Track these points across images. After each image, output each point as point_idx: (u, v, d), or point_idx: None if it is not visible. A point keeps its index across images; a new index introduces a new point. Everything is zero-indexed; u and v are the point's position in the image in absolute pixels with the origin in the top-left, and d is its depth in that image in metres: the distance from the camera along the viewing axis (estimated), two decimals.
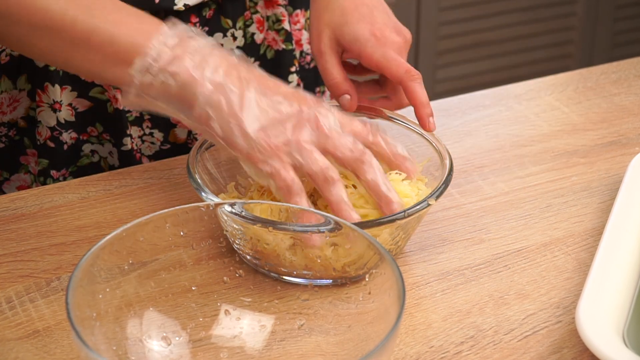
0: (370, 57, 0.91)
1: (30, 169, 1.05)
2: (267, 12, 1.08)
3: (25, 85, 1.02)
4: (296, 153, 0.79)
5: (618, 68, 1.20)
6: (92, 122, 1.04)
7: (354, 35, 0.92)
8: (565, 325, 0.79)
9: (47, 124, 1.02)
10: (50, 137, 1.02)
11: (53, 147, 1.03)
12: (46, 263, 0.85)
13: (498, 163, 1.01)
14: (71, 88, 1.01)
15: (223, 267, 0.78)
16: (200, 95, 0.80)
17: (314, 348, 0.74)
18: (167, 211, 0.74)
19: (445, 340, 0.78)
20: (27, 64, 1.00)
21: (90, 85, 1.01)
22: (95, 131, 1.04)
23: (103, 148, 1.05)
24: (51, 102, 1.01)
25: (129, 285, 0.73)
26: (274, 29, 1.08)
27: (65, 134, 1.03)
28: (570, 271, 0.85)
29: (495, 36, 2.49)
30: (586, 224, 0.91)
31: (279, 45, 1.08)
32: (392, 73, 0.90)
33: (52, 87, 1.00)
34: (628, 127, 1.07)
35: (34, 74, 1.01)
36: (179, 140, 1.06)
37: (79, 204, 0.93)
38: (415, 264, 0.86)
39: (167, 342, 0.73)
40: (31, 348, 0.76)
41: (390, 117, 0.93)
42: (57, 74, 1.00)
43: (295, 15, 1.11)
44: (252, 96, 0.80)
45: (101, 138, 1.04)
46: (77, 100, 1.02)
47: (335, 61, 0.93)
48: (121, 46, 0.81)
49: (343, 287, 0.76)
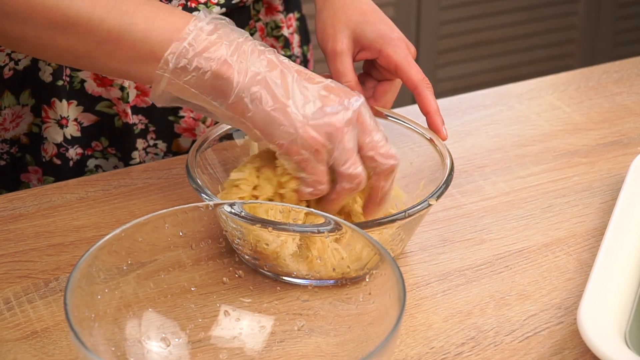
0: (390, 57, 0.91)
1: (31, 186, 1.04)
2: (267, 18, 1.08)
3: (29, 100, 1.00)
4: (337, 151, 0.78)
5: (620, 67, 1.19)
6: (97, 137, 1.03)
7: (378, 33, 0.91)
8: (566, 326, 0.79)
9: (54, 140, 1.01)
10: (57, 154, 1.01)
11: (59, 164, 1.02)
12: (44, 264, 0.85)
13: (499, 163, 1.00)
14: (77, 103, 1.00)
15: (222, 267, 0.77)
16: (237, 85, 0.77)
17: (314, 349, 0.74)
18: (166, 211, 0.74)
19: (446, 341, 0.77)
20: (31, 79, 0.99)
21: (97, 99, 1.00)
22: (100, 145, 1.03)
23: (107, 162, 1.04)
24: (58, 118, 1.00)
25: (127, 285, 0.73)
26: (272, 35, 1.08)
27: (71, 150, 1.02)
28: (572, 272, 0.85)
29: (496, 35, 2.49)
30: (588, 224, 0.91)
31: (279, 52, 1.08)
32: (410, 77, 0.90)
33: (59, 102, 0.99)
34: (630, 126, 1.07)
35: (39, 89, 0.99)
36: (182, 150, 1.06)
37: (78, 204, 0.92)
38: (416, 264, 0.86)
39: (166, 343, 0.73)
40: (29, 349, 0.76)
41: (390, 117, 0.92)
42: (64, 89, 0.99)
43: (289, 19, 1.11)
44: (295, 88, 0.78)
45: (106, 152, 1.04)
46: (83, 114, 1.01)
47: (349, 63, 0.92)
48: (156, 42, 0.78)
49: (343, 287, 0.76)
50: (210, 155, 0.87)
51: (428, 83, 0.91)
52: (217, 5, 1.00)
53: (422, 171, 0.88)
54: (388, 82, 0.94)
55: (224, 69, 0.77)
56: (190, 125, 1.04)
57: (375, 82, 0.95)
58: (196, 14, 0.79)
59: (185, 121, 1.04)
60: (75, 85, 0.99)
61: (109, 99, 1.00)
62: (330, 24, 0.93)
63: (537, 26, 2.52)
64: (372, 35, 0.91)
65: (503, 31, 2.50)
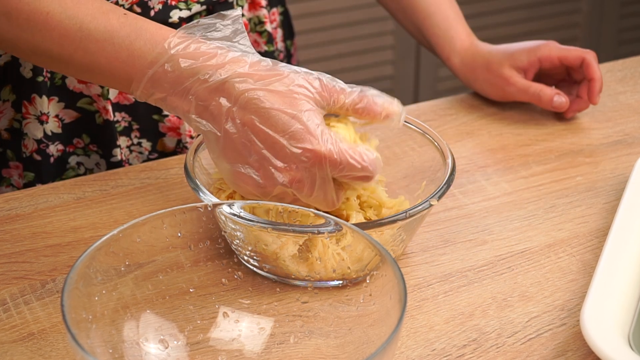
0: (550, 55, 1.06)
1: (12, 182, 1.04)
2: (250, 14, 1.08)
3: (10, 95, 1.01)
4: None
5: (624, 66, 1.19)
6: (78, 134, 1.03)
7: (525, 51, 1.07)
8: (569, 328, 0.78)
9: (34, 136, 1.01)
10: (37, 149, 1.01)
11: (39, 160, 1.02)
12: (41, 264, 0.84)
13: (501, 163, 1.00)
14: (58, 99, 1.00)
15: (221, 268, 0.77)
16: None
17: (313, 351, 0.73)
18: (164, 212, 0.73)
19: (448, 343, 0.77)
20: (12, 75, 0.99)
21: (78, 95, 1.01)
22: (81, 142, 1.03)
23: (89, 160, 1.04)
24: (38, 114, 1.00)
25: (125, 287, 0.73)
26: (255, 31, 1.09)
27: (52, 146, 1.02)
28: (575, 273, 0.84)
29: (499, 33, 2.48)
30: (591, 224, 0.91)
31: (262, 47, 1.10)
32: (576, 55, 1.06)
33: (39, 98, 0.99)
34: (634, 126, 1.07)
35: (19, 85, 1.00)
36: (167, 149, 1.06)
37: (75, 204, 0.92)
38: (417, 265, 0.85)
39: (165, 345, 0.73)
40: (26, 351, 0.76)
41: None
42: (45, 85, 0.99)
43: (272, 14, 1.12)
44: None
45: (87, 149, 1.04)
46: (64, 111, 1.01)
47: (522, 77, 1.07)
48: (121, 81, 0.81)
49: (343, 289, 0.75)
50: (208, 155, 0.86)
51: (592, 52, 1.06)
52: (197, 3, 1.00)
53: (424, 171, 0.88)
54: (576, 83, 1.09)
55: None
56: (174, 125, 1.04)
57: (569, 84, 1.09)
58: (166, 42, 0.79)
59: (170, 120, 1.04)
60: (57, 81, 1.00)
61: (90, 95, 1.00)
62: (486, 79, 1.09)
63: (540, 24, 2.51)
64: (523, 57, 1.07)
65: (506, 29, 2.49)
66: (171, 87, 0.79)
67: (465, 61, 1.10)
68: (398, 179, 0.90)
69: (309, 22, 2.22)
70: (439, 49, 1.12)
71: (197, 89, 0.78)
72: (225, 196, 0.82)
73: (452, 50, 1.11)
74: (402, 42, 2.33)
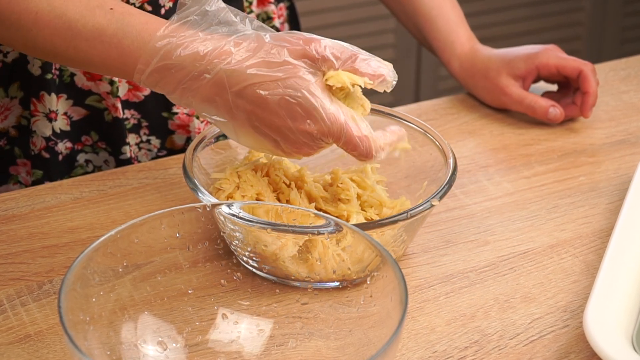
0: (548, 64, 1.06)
1: (20, 179, 1.04)
2: (259, 10, 1.09)
3: (17, 92, 1.01)
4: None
5: (627, 65, 1.19)
6: (87, 131, 1.03)
7: (523, 58, 1.07)
8: (572, 330, 0.78)
9: (43, 134, 1.01)
10: (45, 147, 1.01)
11: (48, 157, 1.02)
12: (38, 265, 0.84)
13: (503, 162, 1.00)
14: (67, 96, 1.00)
15: (220, 269, 0.77)
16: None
17: (313, 353, 0.73)
18: (162, 212, 0.73)
19: (449, 345, 0.77)
20: (20, 72, 0.99)
21: (86, 93, 1.01)
22: (89, 140, 1.03)
23: (98, 157, 1.04)
24: (47, 112, 1.00)
25: (123, 288, 0.72)
26: None
27: (60, 144, 1.02)
28: (578, 274, 0.84)
29: (501, 32, 2.48)
30: (594, 225, 0.91)
31: None
32: (574, 66, 1.05)
33: (48, 95, 0.99)
34: (637, 125, 1.07)
35: (28, 82, 1.00)
36: (177, 147, 1.06)
37: (72, 204, 0.92)
38: (418, 266, 0.85)
39: (163, 347, 0.73)
40: (22, 353, 0.75)
41: (393, 116, 0.91)
42: (54, 82, 0.99)
43: (280, 9, 1.13)
44: None
45: (96, 147, 1.04)
46: (73, 108, 1.01)
47: (519, 87, 1.07)
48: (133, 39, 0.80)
49: (344, 290, 0.75)
50: (207, 155, 0.87)
51: (590, 65, 1.05)
52: None
53: (425, 171, 0.88)
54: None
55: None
56: (184, 122, 1.04)
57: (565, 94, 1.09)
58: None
59: (179, 117, 1.04)
60: (65, 78, 1.00)
61: (99, 93, 1.00)
62: (484, 86, 1.08)
63: (543, 23, 2.51)
64: (521, 65, 1.06)
65: (508, 28, 2.49)
66: (170, 86, 0.80)
67: (464, 66, 1.10)
68: (399, 179, 0.90)
69: (310, 20, 2.21)
70: (440, 53, 1.11)
71: (193, 86, 0.79)
72: (224, 196, 0.82)
73: (452, 55, 1.10)
74: (403, 41, 2.32)
